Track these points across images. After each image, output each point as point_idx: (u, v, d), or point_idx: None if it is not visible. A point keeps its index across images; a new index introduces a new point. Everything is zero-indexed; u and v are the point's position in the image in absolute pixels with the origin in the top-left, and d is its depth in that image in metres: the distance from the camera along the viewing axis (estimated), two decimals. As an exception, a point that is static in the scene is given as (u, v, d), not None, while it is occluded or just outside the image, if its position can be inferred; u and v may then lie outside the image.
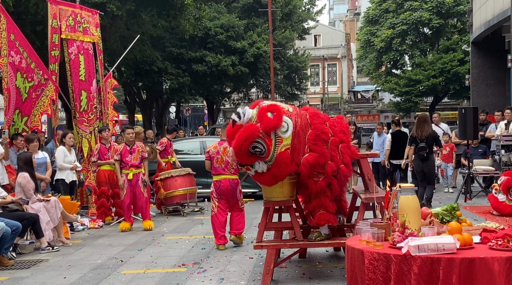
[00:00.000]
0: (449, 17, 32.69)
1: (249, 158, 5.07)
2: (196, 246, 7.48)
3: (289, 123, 5.17)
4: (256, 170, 5.14)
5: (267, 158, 5.05)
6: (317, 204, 5.40)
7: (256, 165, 5.11)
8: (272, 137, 5.07)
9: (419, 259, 3.15)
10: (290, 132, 5.15)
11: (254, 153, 5.03)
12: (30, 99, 9.45)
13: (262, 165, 5.09)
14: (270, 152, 5.04)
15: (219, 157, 7.35)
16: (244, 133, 5.00)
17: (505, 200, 8.79)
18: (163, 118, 27.72)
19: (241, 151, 5.00)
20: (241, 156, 5.06)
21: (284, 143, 5.12)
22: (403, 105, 34.91)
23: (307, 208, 5.56)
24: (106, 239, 8.26)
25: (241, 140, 4.98)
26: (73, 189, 9.68)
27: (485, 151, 11.85)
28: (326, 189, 5.33)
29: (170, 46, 23.37)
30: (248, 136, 4.97)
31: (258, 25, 25.44)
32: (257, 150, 5.01)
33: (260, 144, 5.00)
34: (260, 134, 5.00)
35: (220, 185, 7.36)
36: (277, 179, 5.23)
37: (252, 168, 5.14)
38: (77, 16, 10.43)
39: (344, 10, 79.44)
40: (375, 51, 33.98)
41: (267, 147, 5.02)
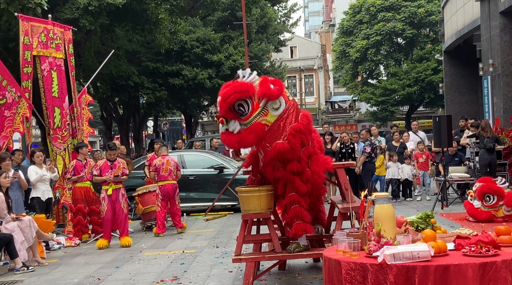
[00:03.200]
0: (421, 27, 33.28)
1: (228, 112, 5.08)
2: (175, 261, 7.40)
3: (282, 104, 5.21)
4: (228, 128, 5.14)
5: (245, 120, 5.07)
6: (293, 215, 5.40)
7: (231, 123, 5.11)
8: (260, 105, 5.11)
9: (395, 267, 3.17)
10: (278, 112, 5.18)
11: (235, 111, 5.06)
12: (2, 117, 9.30)
13: (236, 125, 5.10)
14: (251, 116, 5.07)
15: (164, 167, 9.71)
16: (240, 86, 5.06)
17: (481, 206, 8.99)
18: (140, 133, 27.54)
19: (228, 100, 5.03)
20: (224, 106, 5.07)
21: (267, 117, 5.15)
22: (380, 114, 35.32)
23: (284, 219, 5.56)
24: (83, 257, 8.12)
25: (234, 90, 5.03)
26: (49, 207, 9.52)
27: (461, 158, 12.02)
28: (298, 197, 5.32)
29: (146, 61, 23.30)
30: (242, 90, 5.03)
31: (234, 37, 25.54)
32: (240, 108, 5.06)
33: (247, 104, 5.05)
34: (253, 95, 5.07)
35: (164, 188, 9.65)
36: (241, 144, 5.20)
37: (226, 124, 5.13)
38: (50, 32, 10.34)
39: (319, 22, 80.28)
40: (350, 61, 34.38)
41: (250, 110, 5.06)
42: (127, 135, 26.57)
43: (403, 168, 12.42)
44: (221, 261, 7.11)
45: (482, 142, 11.06)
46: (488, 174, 10.63)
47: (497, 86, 14.38)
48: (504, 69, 14.08)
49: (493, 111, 14.74)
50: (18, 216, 7.66)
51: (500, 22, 14.07)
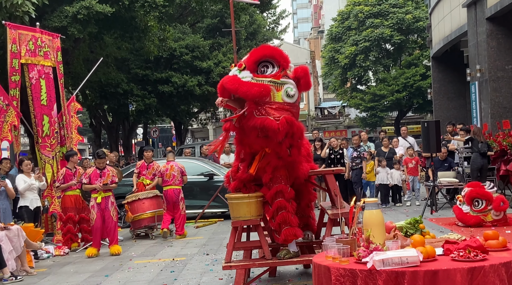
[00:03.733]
0: (409, 33, 33.53)
1: (253, 63, 5.19)
2: (165, 269, 7.36)
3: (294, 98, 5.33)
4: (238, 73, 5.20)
5: (259, 77, 5.14)
6: (281, 220, 5.41)
7: (245, 72, 5.19)
8: (281, 80, 5.21)
9: (384, 273, 3.17)
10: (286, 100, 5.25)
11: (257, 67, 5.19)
12: (-9, 126, 9.23)
13: (248, 75, 5.17)
14: (267, 77, 5.15)
15: (168, 173, 10.14)
16: (282, 53, 5.31)
17: (470, 211, 9.04)
18: (129, 140, 27.44)
19: (261, 52, 5.24)
20: (254, 55, 5.23)
21: (276, 92, 5.20)
22: (369, 120, 35.48)
23: (272, 226, 5.56)
24: (72, 266, 8.06)
25: (275, 50, 5.33)
26: (38, 215, 9.44)
27: (450, 164, 12.10)
28: (285, 202, 5.34)
29: (135, 68, 23.25)
30: (281, 55, 5.25)
31: (223, 44, 25.58)
32: (262, 69, 5.21)
33: (271, 69, 5.18)
34: (282, 67, 5.23)
35: (167, 193, 10.09)
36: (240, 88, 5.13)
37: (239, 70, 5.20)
38: (38, 40, 10.29)
39: (308, 28, 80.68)
40: (339, 67, 34.53)
41: (271, 74, 5.17)
42: (117, 143, 26.45)
43: (393, 174, 12.48)
44: (212, 269, 7.09)
45: (477, 147, 11.14)
46: (479, 179, 10.72)
47: (485, 91, 14.51)
48: (491, 74, 14.21)
49: (480, 116, 14.86)
50: (6, 226, 7.59)
51: (487, 28, 14.22)
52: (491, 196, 8.87)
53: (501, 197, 9.05)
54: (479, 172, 11.13)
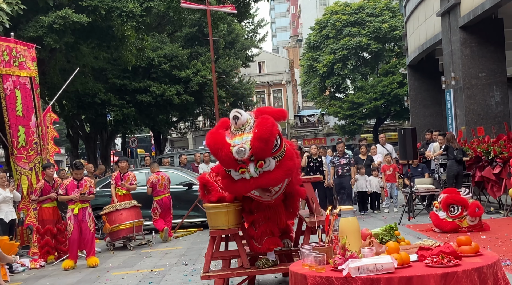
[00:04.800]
0: (386, 42, 33.99)
1: (270, 151, 4.70)
2: (143, 280, 7.29)
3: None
4: (262, 170, 4.72)
5: (279, 151, 4.76)
6: (264, 230, 5.41)
7: (267, 162, 4.70)
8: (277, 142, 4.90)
9: (359, 280, 3.19)
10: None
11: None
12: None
13: (271, 161, 4.75)
14: (283, 144, 4.82)
15: (160, 183, 10.84)
16: (270, 119, 4.70)
17: (446, 217, 9.16)
18: (108, 150, 27.19)
19: (272, 137, 4.64)
20: (268, 145, 4.64)
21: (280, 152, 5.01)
22: (348, 128, 35.77)
23: (253, 234, 5.54)
24: (48, 279, 7.93)
25: (273, 125, 4.67)
26: (13, 228, 9.28)
27: (423, 169, 12.25)
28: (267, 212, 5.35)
29: (113, 77, 23.12)
30: (274, 123, 4.71)
31: (202, 53, 25.61)
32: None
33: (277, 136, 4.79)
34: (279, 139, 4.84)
35: (162, 202, 10.85)
36: (289, 174, 4.87)
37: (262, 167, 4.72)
38: (12, 50, 10.16)
39: (287, 37, 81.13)
40: (318, 76, 34.80)
41: (280, 139, 4.82)
42: (95, 153, 26.19)
43: (371, 181, 12.58)
44: (190, 279, 7.05)
45: (452, 154, 11.30)
46: (455, 185, 10.87)
47: (459, 98, 14.75)
48: (466, 82, 14.47)
49: (456, 123, 15.09)
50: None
51: (461, 36, 14.49)
52: (466, 202, 8.99)
53: (476, 203, 9.18)
54: (455, 179, 11.29)
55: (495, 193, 11.07)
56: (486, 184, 11.40)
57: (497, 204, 11.50)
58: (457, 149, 11.43)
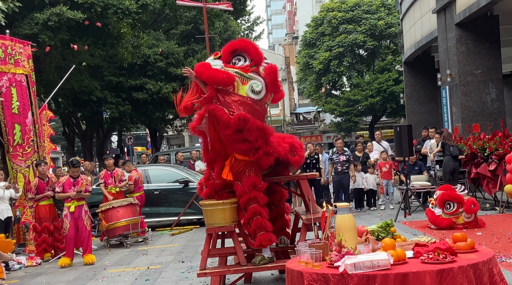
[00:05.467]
0: (382, 39, 34.03)
1: (227, 53, 5.33)
2: (140, 278, 7.30)
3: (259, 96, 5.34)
4: (211, 61, 5.33)
5: (227, 67, 5.23)
6: (256, 226, 5.42)
7: (218, 61, 5.30)
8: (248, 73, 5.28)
9: (355, 277, 3.21)
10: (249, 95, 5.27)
11: (231, 59, 5.33)
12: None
13: (219, 64, 5.27)
14: (234, 68, 5.23)
15: (141, 179, 11.12)
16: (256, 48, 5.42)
17: (442, 214, 9.20)
18: (104, 148, 27.15)
19: (236, 44, 5.39)
20: (230, 46, 5.36)
21: (240, 85, 5.24)
22: (344, 125, 35.82)
23: (248, 231, 5.57)
24: (45, 277, 7.93)
25: (249, 43, 5.43)
26: (9, 226, 9.26)
27: (420, 167, 12.28)
28: (259, 208, 5.35)
29: (109, 75, 23.04)
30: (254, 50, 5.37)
31: (198, 51, 25.55)
32: (235, 61, 5.34)
33: (243, 61, 5.30)
34: (253, 62, 5.33)
35: (142, 198, 11.05)
36: (205, 71, 5.20)
37: (214, 58, 5.34)
38: (8, 48, 10.14)
39: (283, 34, 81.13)
40: (314, 73, 34.82)
41: (239, 66, 5.28)
42: (91, 151, 26.13)
43: (367, 178, 12.60)
44: (187, 276, 7.05)
45: (448, 150, 11.34)
46: (451, 182, 10.90)
47: (455, 95, 14.79)
48: (461, 79, 14.50)
49: (451, 120, 15.13)
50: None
51: (456, 33, 14.52)
52: (462, 199, 9.02)
53: (471, 199, 9.22)
54: (451, 175, 11.32)
55: (491, 189, 11.12)
56: (481, 180, 11.45)
57: (493, 200, 11.54)
58: (453, 146, 11.47)
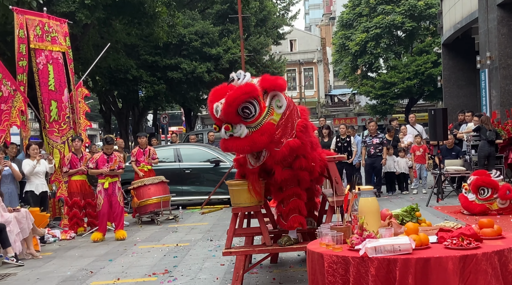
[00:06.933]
0: (421, 20, 33.18)
1: (235, 116, 4.77)
2: (168, 254, 7.43)
3: (284, 101, 5.05)
4: (233, 133, 4.82)
5: (254, 122, 4.81)
6: (292, 207, 5.41)
7: (237, 127, 4.80)
8: (266, 104, 4.89)
9: (376, 260, 3.17)
10: (281, 110, 5.00)
11: (239, 115, 4.79)
12: (-1, 111, 9.32)
13: (243, 129, 4.81)
14: (260, 116, 4.82)
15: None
16: (245, 87, 4.79)
17: (475, 199, 9.00)
18: (139, 126, 27.55)
19: (234, 103, 4.71)
20: (231, 110, 4.73)
21: (273, 116, 4.95)
22: (379, 107, 35.28)
23: (281, 211, 5.55)
24: (77, 251, 8.16)
25: (240, 92, 4.74)
26: (45, 200, 9.53)
27: (458, 152, 12.01)
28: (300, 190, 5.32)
29: (145, 54, 23.28)
30: (249, 91, 4.76)
31: (233, 31, 25.49)
32: (246, 111, 4.78)
33: (253, 106, 4.79)
34: (257, 96, 4.83)
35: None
36: (254, 147, 4.87)
37: (231, 130, 4.80)
38: (45, 25, 10.32)
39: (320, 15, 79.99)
40: (350, 55, 34.31)
41: (259, 111, 4.81)
42: (126, 129, 26.59)
43: (398, 162, 12.43)
44: (214, 254, 7.14)
45: (484, 134, 11.05)
46: (486, 167, 10.64)
47: (495, 79, 14.35)
48: (502, 62, 14.05)
49: (490, 104, 14.72)
50: (15, 208, 7.70)
51: (498, 14, 14.03)
52: (497, 185, 8.81)
53: (507, 185, 8.99)
54: (487, 160, 11.05)
55: (528, 176, 10.81)
56: (519, 166, 11.15)
57: (530, 187, 11.23)
58: (490, 130, 11.16)
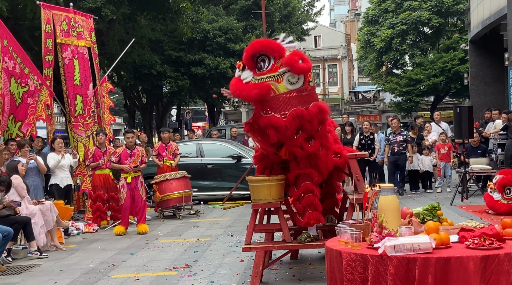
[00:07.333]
0: (449, 16, 32.63)
1: (250, 61, 5.04)
2: (189, 249, 7.47)
3: (299, 83, 5.12)
4: (241, 75, 5.11)
5: (258, 75, 5.01)
6: (306, 203, 5.39)
7: (246, 72, 5.08)
8: (279, 71, 5.02)
9: (395, 259, 3.14)
10: (291, 87, 5.08)
11: (256, 64, 5.04)
12: (24, 104, 9.48)
13: (249, 76, 5.06)
14: (265, 74, 5.00)
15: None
16: (272, 43, 5.08)
17: (501, 199, 8.83)
18: (163, 121, 27.76)
19: (254, 48, 5.03)
20: (248, 52, 5.04)
21: (278, 84, 5.05)
22: (404, 105, 34.83)
23: (297, 208, 5.54)
24: (100, 243, 8.26)
25: (264, 43, 5.07)
26: (69, 193, 9.67)
27: (484, 151, 11.80)
28: (313, 186, 5.29)
29: (169, 49, 23.41)
30: (271, 47, 5.02)
31: (257, 27, 25.47)
32: (261, 64, 5.04)
33: (268, 62, 5.02)
34: (277, 57, 5.02)
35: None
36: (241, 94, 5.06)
37: (241, 71, 5.12)
38: (71, 20, 10.46)
39: (345, 11, 79.38)
40: (375, 51, 33.94)
41: (268, 69, 5.02)
42: (150, 124, 26.81)
43: (422, 160, 12.27)
44: (234, 250, 7.16)
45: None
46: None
47: (523, 76, 14.05)
48: (531, 59, 13.74)
49: (518, 102, 14.42)
50: (40, 201, 7.84)
51: (528, 11, 13.72)
52: (523, 185, 8.61)
53: (534, 185, 8.78)
54: (513, 159, 10.82)
55: (557, 176, 10.55)
56: (547, 166, 10.89)
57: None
58: (518, 129, 10.93)
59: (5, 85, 9.04)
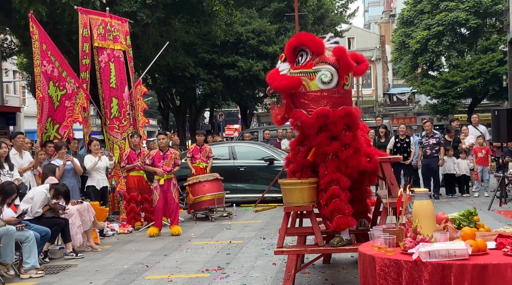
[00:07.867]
0: (487, 17, 31.91)
1: (291, 53, 5.11)
2: (222, 251, 7.50)
3: (333, 83, 5.13)
4: (280, 66, 5.22)
5: (294, 69, 5.09)
6: (333, 208, 5.33)
7: (285, 64, 5.18)
8: (313, 68, 5.09)
9: (430, 265, 3.08)
10: (322, 86, 5.10)
11: (294, 54, 5.12)
12: (62, 107, 9.70)
13: (285, 67, 5.15)
14: (299, 69, 5.07)
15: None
16: (315, 39, 5.13)
17: (540, 204, 8.55)
18: (196, 123, 27.99)
19: (296, 39, 5.12)
20: (291, 44, 5.11)
21: (309, 81, 5.11)
22: (440, 107, 34.20)
23: (325, 213, 5.50)
24: (134, 244, 8.38)
25: (307, 37, 5.14)
26: (105, 195, 9.84)
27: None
28: (339, 191, 5.23)
29: (202, 52, 23.60)
30: (312, 41, 5.08)
31: (290, 29, 25.42)
32: (299, 58, 5.11)
33: (305, 57, 5.08)
34: (315, 54, 5.09)
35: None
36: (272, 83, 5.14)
37: (282, 62, 5.23)
38: (107, 24, 10.65)
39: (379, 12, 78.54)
40: (410, 53, 33.45)
41: (302, 64, 5.08)
42: (184, 126, 27.07)
43: (459, 163, 12.02)
44: (267, 253, 7.16)
45: None
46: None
47: None
48: None
49: (559, 104, 13.98)
50: (78, 201, 8.00)
51: None
52: None
53: None
54: (554, 164, 10.51)
55: None
56: None
57: None
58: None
59: (44, 88, 9.28)
